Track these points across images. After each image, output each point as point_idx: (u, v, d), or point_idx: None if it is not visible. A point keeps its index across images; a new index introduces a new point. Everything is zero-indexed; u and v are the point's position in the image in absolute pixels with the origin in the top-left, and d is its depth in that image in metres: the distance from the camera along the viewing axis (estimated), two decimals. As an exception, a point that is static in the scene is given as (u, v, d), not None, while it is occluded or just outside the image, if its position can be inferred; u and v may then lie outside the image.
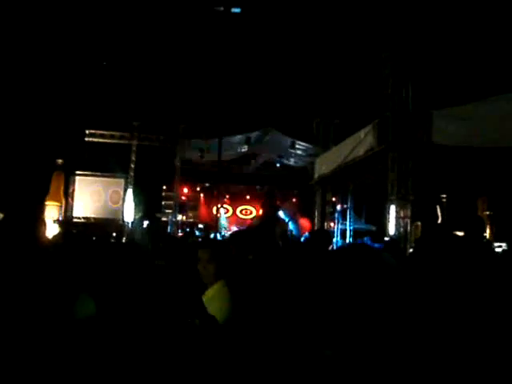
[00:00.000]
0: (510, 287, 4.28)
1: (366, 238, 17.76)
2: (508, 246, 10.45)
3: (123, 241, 14.22)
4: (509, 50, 12.10)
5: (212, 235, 18.76)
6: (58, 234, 10.41)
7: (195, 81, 19.75)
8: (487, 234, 12.26)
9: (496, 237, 12.39)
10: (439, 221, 14.13)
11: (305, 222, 21.23)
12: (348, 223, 19.95)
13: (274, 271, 4.88)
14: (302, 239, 11.80)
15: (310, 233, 11.92)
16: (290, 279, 4.57)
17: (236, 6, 16.50)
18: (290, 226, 17.76)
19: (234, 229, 23.59)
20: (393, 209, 13.02)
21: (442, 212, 14.57)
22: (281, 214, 22.50)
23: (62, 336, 2.69)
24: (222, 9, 16.29)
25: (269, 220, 8.71)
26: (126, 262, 3.80)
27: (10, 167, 18.10)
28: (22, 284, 2.95)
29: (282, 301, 4.12)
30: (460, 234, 10.94)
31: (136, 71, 19.67)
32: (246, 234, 6.18)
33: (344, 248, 6.69)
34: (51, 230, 14.53)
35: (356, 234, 19.78)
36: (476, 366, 2.92)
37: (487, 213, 13.57)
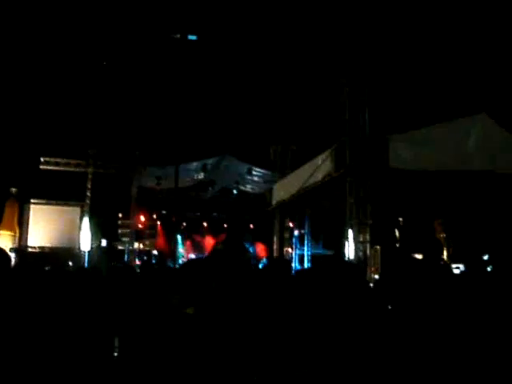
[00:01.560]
0: (468, 307, 4.36)
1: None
2: (465, 267, 10.61)
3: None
4: (461, 77, 12.42)
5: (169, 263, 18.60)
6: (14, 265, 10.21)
7: (151, 108, 19.72)
8: (444, 255, 12.44)
9: (453, 258, 12.57)
10: (398, 244, 14.29)
11: (261, 248, 21.28)
12: (306, 248, 20.02)
13: (240, 298, 4.86)
14: (260, 265, 11.75)
15: (268, 259, 11.90)
16: (255, 305, 4.56)
17: (192, 34, 16.61)
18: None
19: (192, 256, 23.48)
20: (351, 233, 13.12)
21: (400, 235, 14.75)
22: (240, 239, 22.56)
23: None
24: (178, 36, 16.37)
25: (235, 246, 8.70)
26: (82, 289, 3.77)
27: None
28: None
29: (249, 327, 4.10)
30: (419, 256, 11.09)
31: (92, 98, 19.54)
32: (209, 261, 6.15)
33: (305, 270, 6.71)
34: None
35: (314, 259, 19.86)
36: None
37: (443, 235, 13.77)
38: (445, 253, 12.73)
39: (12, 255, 12.77)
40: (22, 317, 3.07)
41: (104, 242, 21.10)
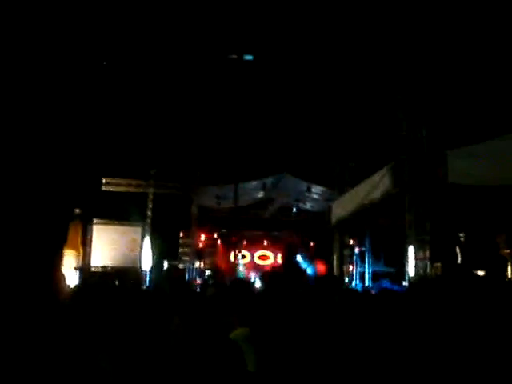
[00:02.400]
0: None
1: (384, 281, 17.66)
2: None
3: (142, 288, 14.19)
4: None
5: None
6: (76, 285, 10.45)
7: (211, 128, 19.92)
8: (509, 272, 12.14)
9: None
10: (459, 261, 14.00)
11: (321, 266, 21.17)
12: (367, 265, 19.87)
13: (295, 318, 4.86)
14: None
15: (316, 278, 11.85)
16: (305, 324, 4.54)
17: (248, 54, 16.76)
18: (309, 270, 17.73)
19: (252, 274, 23.56)
20: (411, 250, 12.93)
21: (461, 252, 14.46)
22: (299, 258, 22.53)
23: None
24: (235, 56, 16.55)
25: (291, 270, 8.69)
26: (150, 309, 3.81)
27: (29, 217, 18.21)
28: (35, 337, 2.94)
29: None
30: (481, 273, 10.83)
31: (151, 119, 19.87)
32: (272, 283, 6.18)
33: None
34: (71, 278, 14.62)
35: (375, 276, 19.67)
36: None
37: (507, 251, 13.43)
38: (509, 269, 12.42)
39: (76, 274, 13.14)
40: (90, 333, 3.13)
41: (165, 263, 21.39)
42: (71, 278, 14.32)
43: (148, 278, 20.43)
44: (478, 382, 3.63)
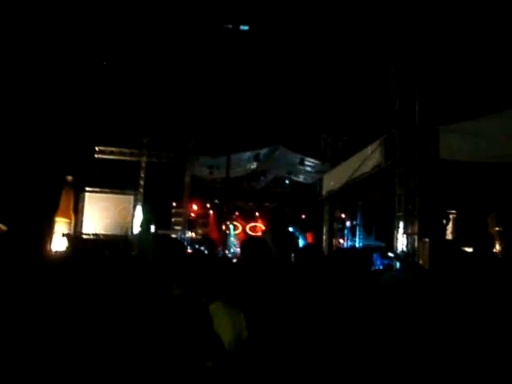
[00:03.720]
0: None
1: (375, 255, 17.70)
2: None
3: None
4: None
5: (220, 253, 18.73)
6: (66, 249, 10.44)
7: (204, 98, 19.82)
8: (497, 249, 12.15)
9: (506, 253, 12.27)
10: (447, 237, 14.02)
11: (312, 239, 21.20)
12: (357, 240, 19.90)
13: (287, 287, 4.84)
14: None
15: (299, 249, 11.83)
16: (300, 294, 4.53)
17: (244, 24, 16.61)
18: (299, 241, 17.73)
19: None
20: (400, 225, 12.93)
21: (450, 228, 14.49)
22: (290, 230, 22.55)
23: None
24: (230, 26, 16.39)
25: (281, 234, 8.66)
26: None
27: (20, 183, 18.18)
28: (20, 295, 2.94)
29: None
30: (468, 250, 10.87)
31: (146, 88, 19.75)
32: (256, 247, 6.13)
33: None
34: (60, 244, 14.62)
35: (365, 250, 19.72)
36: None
37: (497, 229, 13.43)
38: (498, 247, 12.44)
39: (64, 240, 13.12)
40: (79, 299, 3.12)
41: (152, 228, 21.33)
42: (60, 245, 14.30)
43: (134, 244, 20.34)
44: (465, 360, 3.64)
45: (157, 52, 18.56)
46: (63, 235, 15.44)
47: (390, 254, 13.07)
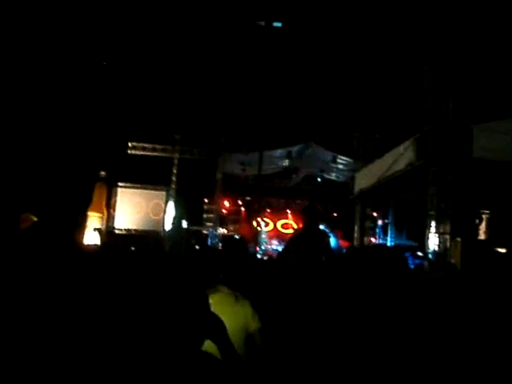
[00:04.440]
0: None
1: (406, 254, 17.55)
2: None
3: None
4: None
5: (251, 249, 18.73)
6: (98, 245, 10.55)
7: (237, 95, 19.86)
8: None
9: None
10: (480, 237, 13.84)
11: (343, 239, 21.09)
12: (389, 238, 19.77)
13: (316, 283, 4.84)
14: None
15: (347, 249, 11.77)
16: (330, 292, 4.53)
17: (277, 21, 16.59)
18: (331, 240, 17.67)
19: (275, 243, 23.59)
20: (432, 224, 12.83)
21: (483, 228, 14.29)
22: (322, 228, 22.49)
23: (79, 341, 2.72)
24: (263, 23, 16.39)
25: (312, 232, 8.64)
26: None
27: (55, 178, 18.42)
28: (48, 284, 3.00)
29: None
30: (502, 250, 10.72)
31: (180, 85, 19.87)
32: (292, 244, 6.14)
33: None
34: (92, 239, 14.79)
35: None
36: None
37: (531, 229, 13.24)
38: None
39: (96, 235, 13.22)
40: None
41: (185, 224, 21.42)
42: (92, 239, 14.46)
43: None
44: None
45: (190, 49, 18.65)
46: (95, 230, 15.59)
47: (420, 254, 12.95)
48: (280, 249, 20.07)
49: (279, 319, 4.19)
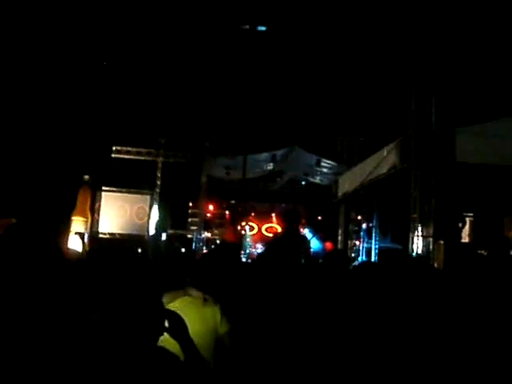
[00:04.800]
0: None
1: (391, 257, 17.59)
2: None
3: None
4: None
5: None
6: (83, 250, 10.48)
7: (221, 99, 19.84)
8: (513, 253, 12.03)
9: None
10: (462, 240, 13.92)
11: (328, 242, 21.13)
12: (373, 242, 19.80)
13: (292, 288, 4.84)
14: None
15: (326, 253, 11.83)
16: (307, 296, 4.53)
17: (261, 25, 16.62)
18: (314, 244, 17.69)
19: (259, 246, 23.59)
20: (416, 227, 12.90)
21: (466, 231, 14.37)
22: (306, 231, 22.53)
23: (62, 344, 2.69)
24: (247, 27, 16.41)
25: (291, 236, 8.65)
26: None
27: (37, 182, 18.30)
28: (29, 290, 2.96)
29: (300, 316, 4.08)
30: (483, 253, 10.77)
31: (162, 89, 19.81)
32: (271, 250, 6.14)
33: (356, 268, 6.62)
34: (74, 243, 14.69)
35: (381, 252, 19.62)
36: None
37: (513, 232, 13.31)
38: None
39: (77, 239, 13.11)
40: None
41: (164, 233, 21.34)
42: (75, 243, 14.37)
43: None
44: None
45: (173, 53, 18.61)
46: (76, 233, 15.52)
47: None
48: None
49: (253, 322, 4.18)
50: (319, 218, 24.71)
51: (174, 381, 2.52)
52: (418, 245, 12.85)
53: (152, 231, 21.19)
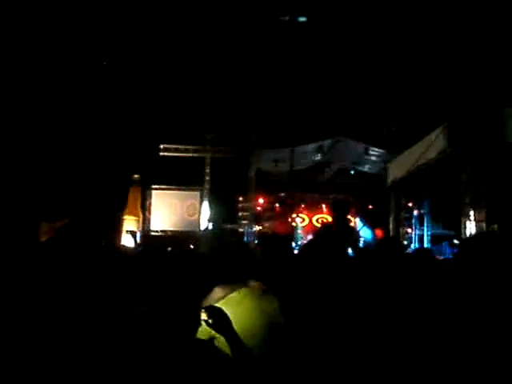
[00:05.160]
0: None
1: (444, 244, 17.34)
2: None
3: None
4: None
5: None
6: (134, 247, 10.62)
7: (266, 91, 19.81)
8: None
9: None
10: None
11: (379, 231, 20.91)
12: (425, 228, 19.53)
13: (342, 280, 4.80)
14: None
15: (378, 241, 11.67)
16: (358, 288, 4.49)
17: (302, 15, 16.52)
18: (365, 233, 17.54)
19: (310, 238, 23.44)
20: (468, 212, 12.67)
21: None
22: (357, 221, 22.35)
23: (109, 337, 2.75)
24: (287, 18, 16.33)
25: (338, 227, 8.59)
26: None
27: (89, 183, 18.60)
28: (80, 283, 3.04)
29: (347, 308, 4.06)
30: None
31: (208, 84, 19.89)
32: (314, 242, 6.10)
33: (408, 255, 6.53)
34: (127, 241, 14.89)
35: (434, 239, 19.34)
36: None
37: None
38: None
39: (129, 237, 13.27)
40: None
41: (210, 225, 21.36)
42: (127, 241, 14.57)
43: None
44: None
45: (218, 48, 18.65)
46: (127, 232, 15.74)
47: (456, 242, 12.78)
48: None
49: (302, 315, 4.15)
50: (370, 206, 24.46)
51: (218, 374, 2.57)
52: (470, 230, 12.61)
53: (203, 226, 21.34)
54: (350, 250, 8.88)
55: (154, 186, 22.06)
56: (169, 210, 22.02)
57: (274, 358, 3.53)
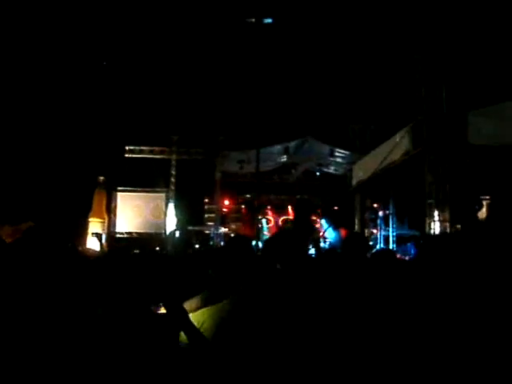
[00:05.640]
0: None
1: (409, 244, 17.50)
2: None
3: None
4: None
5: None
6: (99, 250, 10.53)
7: (231, 93, 19.81)
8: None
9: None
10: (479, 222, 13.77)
11: (344, 231, 21.02)
12: (391, 229, 19.67)
13: (301, 281, 4.79)
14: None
15: (344, 238, 11.73)
16: (319, 290, 4.49)
17: (267, 17, 16.54)
18: (330, 234, 17.64)
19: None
20: (432, 212, 12.81)
21: (485, 213, 14.21)
22: (323, 222, 22.46)
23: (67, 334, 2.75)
24: (253, 20, 16.33)
25: (300, 227, 8.60)
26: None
27: (53, 185, 18.39)
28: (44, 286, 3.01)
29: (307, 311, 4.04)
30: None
31: (173, 86, 19.82)
32: (275, 240, 6.08)
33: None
34: (92, 244, 14.75)
35: (399, 239, 19.49)
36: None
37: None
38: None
39: (95, 240, 13.15)
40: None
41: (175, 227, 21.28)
42: (92, 244, 14.43)
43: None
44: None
45: (182, 49, 18.60)
46: (93, 234, 15.59)
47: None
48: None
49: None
50: (335, 208, 24.58)
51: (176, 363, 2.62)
52: (435, 230, 12.75)
53: (169, 229, 21.22)
54: (312, 250, 8.94)
55: (119, 188, 21.87)
56: (134, 212, 21.86)
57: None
